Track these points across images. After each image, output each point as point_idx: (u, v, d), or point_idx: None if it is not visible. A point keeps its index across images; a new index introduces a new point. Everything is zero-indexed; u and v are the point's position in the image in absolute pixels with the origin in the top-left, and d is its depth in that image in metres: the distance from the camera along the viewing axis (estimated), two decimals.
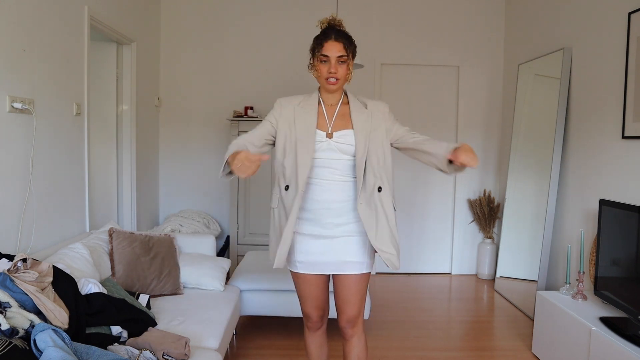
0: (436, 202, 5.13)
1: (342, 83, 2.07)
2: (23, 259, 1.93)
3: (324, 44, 2.02)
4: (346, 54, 2.03)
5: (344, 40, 2.04)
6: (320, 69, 2.04)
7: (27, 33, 2.56)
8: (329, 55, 2.01)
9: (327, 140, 2.04)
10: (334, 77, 2.02)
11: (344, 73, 2.04)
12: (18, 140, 2.51)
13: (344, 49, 2.02)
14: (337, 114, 2.10)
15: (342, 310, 2.14)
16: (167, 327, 2.39)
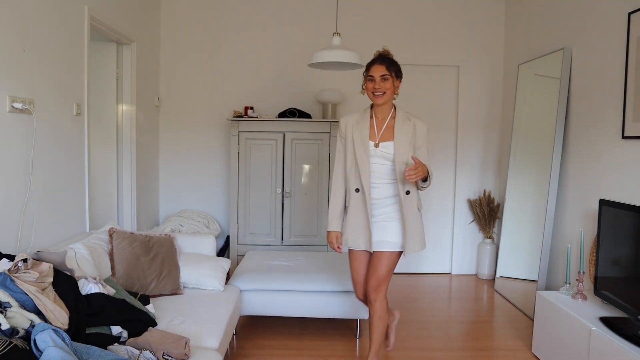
0: (436, 202, 5.13)
1: (389, 97, 2.58)
2: (24, 259, 1.93)
3: (370, 68, 2.61)
4: (388, 73, 2.56)
5: (386, 63, 2.58)
6: (367, 86, 2.61)
7: (27, 33, 2.56)
8: (374, 75, 2.57)
9: (374, 149, 2.59)
10: (379, 92, 2.55)
11: (387, 87, 2.56)
12: (18, 140, 2.51)
13: (386, 70, 2.56)
14: (385, 126, 2.61)
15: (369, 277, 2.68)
16: (167, 327, 2.39)
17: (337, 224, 2.73)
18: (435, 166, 5.11)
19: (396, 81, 2.60)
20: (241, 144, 4.62)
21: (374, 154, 2.58)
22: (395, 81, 2.59)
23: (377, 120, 2.64)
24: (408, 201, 2.61)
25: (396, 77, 2.60)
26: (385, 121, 2.62)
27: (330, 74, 4.95)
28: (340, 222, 2.73)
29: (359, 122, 2.64)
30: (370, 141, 2.59)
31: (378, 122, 2.63)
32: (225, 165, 5.00)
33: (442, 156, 5.11)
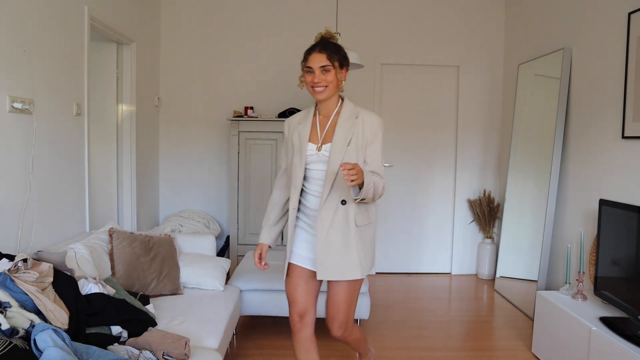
0: (436, 202, 5.13)
1: (332, 90, 2.11)
2: (24, 259, 1.93)
3: (308, 57, 2.11)
4: (330, 63, 2.08)
5: (328, 51, 2.09)
6: (306, 79, 2.12)
7: (27, 33, 2.56)
8: (312, 67, 2.08)
9: (316, 153, 2.12)
10: (319, 86, 2.08)
11: (329, 80, 2.08)
12: (18, 140, 2.51)
13: (327, 59, 2.08)
14: (329, 125, 2.15)
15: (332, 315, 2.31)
16: (167, 327, 2.39)
17: (267, 236, 2.26)
18: (436, 166, 5.11)
19: (340, 72, 2.13)
20: (241, 144, 4.62)
21: (317, 159, 2.12)
22: (339, 72, 2.12)
23: (320, 118, 2.19)
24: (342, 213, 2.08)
25: (340, 66, 2.13)
26: (329, 119, 2.17)
27: None
28: (273, 235, 2.27)
29: (300, 122, 2.21)
30: (312, 144, 2.14)
31: (322, 120, 2.18)
32: (225, 165, 5.00)
33: (442, 156, 5.11)
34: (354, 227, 2.09)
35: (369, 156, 2.10)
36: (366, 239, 2.15)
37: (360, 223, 2.11)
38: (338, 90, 2.15)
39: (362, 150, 2.09)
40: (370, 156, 2.10)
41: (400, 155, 5.09)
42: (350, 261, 2.09)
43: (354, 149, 2.08)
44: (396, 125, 5.08)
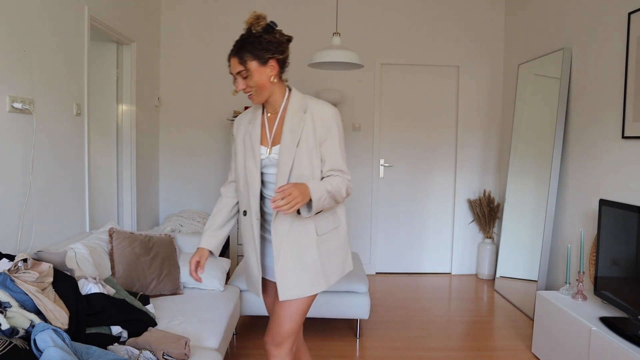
0: (436, 202, 5.13)
1: (263, 93, 1.84)
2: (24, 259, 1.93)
3: (229, 62, 1.84)
4: (243, 68, 1.78)
5: (239, 54, 1.79)
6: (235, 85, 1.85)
7: (27, 33, 2.56)
8: (232, 73, 1.83)
9: (267, 156, 1.87)
10: (245, 92, 1.83)
11: (253, 84, 1.80)
12: (18, 140, 2.51)
13: (239, 64, 1.79)
14: (277, 123, 1.89)
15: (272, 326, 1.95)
16: (167, 327, 2.39)
17: (209, 240, 1.97)
18: (436, 166, 5.11)
19: (264, 69, 1.80)
20: None
21: (269, 163, 1.87)
22: (261, 71, 1.80)
23: (269, 116, 1.92)
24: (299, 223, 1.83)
25: (263, 62, 1.79)
26: (277, 115, 1.90)
27: (330, 74, 4.95)
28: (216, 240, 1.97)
29: (250, 121, 1.93)
30: (263, 147, 1.88)
31: (270, 118, 1.91)
32: (225, 165, 5.00)
33: (442, 156, 5.11)
34: (315, 237, 1.84)
35: (326, 154, 1.84)
36: (332, 246, 1.89)
37: (322, 231, 1.86)
38: (275, 85, 1.86)
39: (315, 149, 1.82)
40: (327, 154, 1.84)
41: (400, 155, 5.09)
42: (312, 276, 1.84)
43: (305, 149, 1.81)
44: (396, 125, 5.08)
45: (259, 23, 1.81)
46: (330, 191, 1.77)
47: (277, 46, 1.84)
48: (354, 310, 3.25)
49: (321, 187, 1.74)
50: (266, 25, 1.82)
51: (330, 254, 1.89)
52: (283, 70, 1.91)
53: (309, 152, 1.82)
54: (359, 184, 5.06)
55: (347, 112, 5.00)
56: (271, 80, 1.84)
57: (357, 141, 5.03)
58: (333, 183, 1.79)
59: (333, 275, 1.91)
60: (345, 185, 1.84)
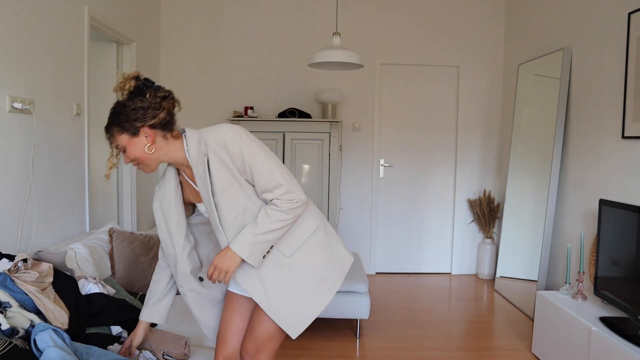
0: (436, 202, 5.13)
1: (149, 163, 1.67)
2: (23, 259, 1.93)
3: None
4: (117, 142, 1.64)
5: (108, 129, 1.65)
6: None
7: (27, 33, 2.56)
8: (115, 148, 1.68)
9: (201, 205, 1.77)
10: (134, 165, 1.69)
11: (136, 156, 1.64)
12: (18, 140, 2.51)
13: (114, 139, 1.65)
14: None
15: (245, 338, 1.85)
16: (167, 327, 2.39)
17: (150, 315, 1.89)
18: (436, 166, 5.11)
19: (136, 139, 1.63)
20: None
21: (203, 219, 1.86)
22: (135, 142, 1.63)
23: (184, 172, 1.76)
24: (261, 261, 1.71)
25: (133, 134, 1.61)
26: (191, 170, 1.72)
27: (330, 74, 4.95)
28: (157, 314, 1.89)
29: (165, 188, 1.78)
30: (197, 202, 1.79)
31: (186, 170, 1.75)
32: None
33: (442, 156, 5.11)
34: (286, 261, 1.70)
35: (251, 179, 1.64)
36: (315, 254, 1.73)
37: (290, 251, 1.71)
38: (163, 148, 1.66)
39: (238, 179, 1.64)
40: (252, 179, 1.64)
41: (400, 155, 5.09)
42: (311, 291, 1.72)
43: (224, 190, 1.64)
44: (396, 125, 5.08)
45: (124, 88, 1.63)
46: (259, 234, 1.61)
47: (146, 111, 1.61)
48: (354, 310, 3.25)
49: (245, 241, 1.61)
50: (134, 88, 1.63)
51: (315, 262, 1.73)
52: (168, 130, 1.66)
53: (231, 189, 1.64)
54: (359, 184, 5.06)
55: (347, 112, 5.01)
56: (146, 150, 1.63)
57: (357, 141, 5.03)
58: (259, 224, 1.62)
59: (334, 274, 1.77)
60: (278, 211, 1.62)
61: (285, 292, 1.70)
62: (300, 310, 1.71)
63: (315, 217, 1.79)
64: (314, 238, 1.75)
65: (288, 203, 1.62)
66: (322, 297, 1.73)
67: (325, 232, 1.79)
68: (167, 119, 1.65)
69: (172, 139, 1.68)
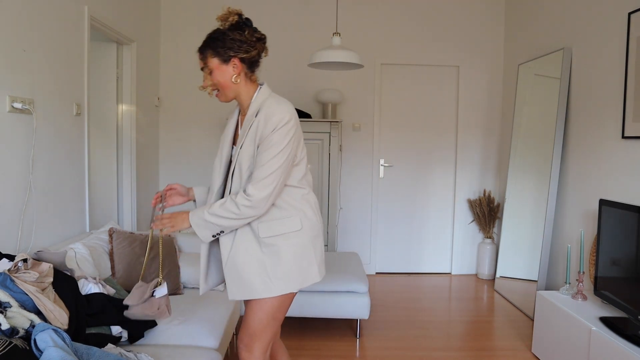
0: (436, 202, 5.13)
1: (228, 91, 1.81)
2: (24, 259, 1.93)
3: None
4: (204, 64, 1.80)
5: (202, 49, 1.82)
6: None
7: (27, 33, 2.56)
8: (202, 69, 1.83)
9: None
10: (212, 89, 1.83)
11: (216, 81, 1.79)
12: (18, 140, 2.51)
13: (200, 60, 1.82)
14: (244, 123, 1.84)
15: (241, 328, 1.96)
16: (167, 327, 2.39)
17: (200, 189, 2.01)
18: (436, 166, 5.11)
19: (226, 66, 1.78)
20: None
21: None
22: (223, 68, 1.77)
23: (241, 116, 1.91)
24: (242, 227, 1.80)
25: (225, 60, 1.77)
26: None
27: (330, 74, 4.95)
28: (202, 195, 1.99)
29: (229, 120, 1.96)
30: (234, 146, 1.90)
31: (242, 118, 1.90)
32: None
33: (442, 156, 5.11)
34: (254, 240, 1.78)
35: (256, 158, 1.74)
36: (281, 252, 1.77)
37: (265, 234, 1.77)
38: (240, 85, 1.81)
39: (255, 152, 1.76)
40: (257, 158, 1.73)
41: (400, 155, 5.09)
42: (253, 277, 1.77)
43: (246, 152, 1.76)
44: (396, 125, 5.08)
45: (227, 19, 1.77)
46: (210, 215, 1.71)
47: (241, 45, 1.76)
48: (354, 310, 3.25)
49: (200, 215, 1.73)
50: (236, 22, 1.76)
51: (278, 259, 1.77)
52: (252, 70, 1.83)
53: (249, 155, 1.76)
54: (359, 184, 5.06)
55: (347, 112, 5.01)
56: (232, 80, 1.78)
57: (357, 141, 5.03)
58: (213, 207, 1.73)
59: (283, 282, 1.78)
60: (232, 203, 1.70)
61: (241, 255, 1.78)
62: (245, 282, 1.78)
63: (307, 223, 1.83)
64: (292, 237, 1.79)
65: (246, 201, 1.70)
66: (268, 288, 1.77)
67: (309, 241, 1.83)
68: (255, 59, 1.81)
69: (250, 82, 1.83)
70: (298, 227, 1.80)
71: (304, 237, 1.81)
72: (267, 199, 1.71)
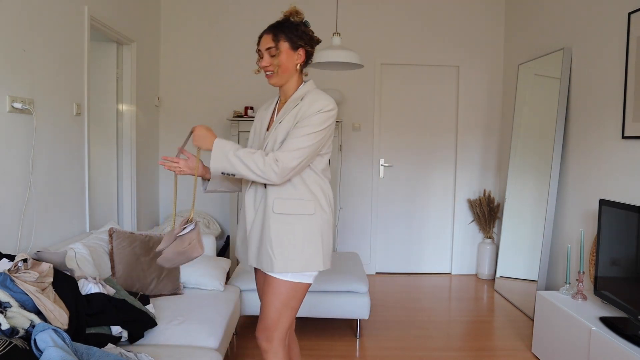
0: (436, 202, 5.13)
1: (283, 75, 1.90)
2: (24, 259, 1.93)
3: (259, 39, 1.93)
4: (274, 45, 1.86)
5: (274, 31, 1.88)
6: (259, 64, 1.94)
7: (27, 33, 2.56)
8: (261, 49, 1.91)
9: None
10: (268, 70, 1.90)
11: (277, 64, 1.87)
12: (18, 140, 2.51)
13: (272, 40, 1.87)
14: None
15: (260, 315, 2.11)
16: (167, 327, 2.39)
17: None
18: (436, 166, 5.11)
19: (293, 53, 1.89)
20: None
21: None
22: (290, 54, 1.89)
23: (280, 104, 2.01)
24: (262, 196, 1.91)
25: (294, 47, 1.89)
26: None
27: (330, 73, 4.95)
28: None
29: (267, 107, 2.06)
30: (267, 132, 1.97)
31: (280, 106, 2.00)
32: None
33: (442, 156, 5.11)
34: (272, 214, 1.85)
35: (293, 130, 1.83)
36: (295, 231, 1.85)
37: (280, 210, 1.85)
38: (295, 74, 1.93)
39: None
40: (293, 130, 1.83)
41: (400, 155, 5.09)
42: (265, 251, 1.86)
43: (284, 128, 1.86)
44: (396, 125, 5.08)
45: (297, 15, 1.93)
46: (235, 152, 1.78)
47: (309, 40, 1.93)
48: (354, 310, 3.25)
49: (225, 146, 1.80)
50: (305, 21, 1.97)
51: (291, 239, 1.85)
52: (306, 64, 1.96)
53: (286, 131, 1.86)
54: (359, 184, 5.06)
55: (347, 112, 5.01)
56: (296, 67, 1.91)
57: (357, 141, 5.03)
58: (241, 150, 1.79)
59: (293, 263, 1.85)
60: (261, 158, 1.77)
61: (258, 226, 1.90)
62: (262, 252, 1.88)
63: (320, 212, 1.90)
64: (304, 220, 1.88)
65: (275, 165, 1.77)
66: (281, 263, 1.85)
67: (318, 229, 1.89)
68: (311, 56, 1.97)
69: (300, 75, 1.96)
70: (311, 212, 1.87)
71: (314, 223, 1.88)
72: (292, 170, 1.80)
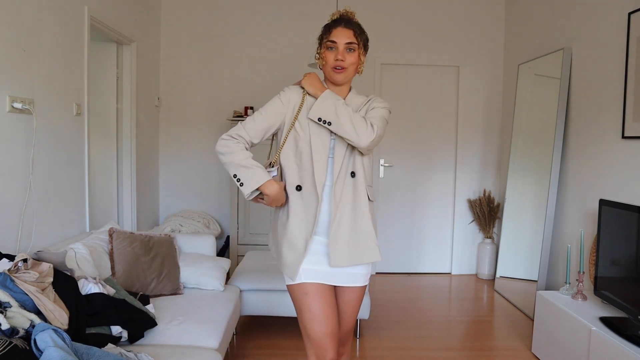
0: (436, 202, 5.13)
1: (350, 74, 1.89)
2: (24, 259, 1.93)
3: (332, 31, 1.85)
4: (356, 42, 1.85)
5: (355, 29, 1.86)
6: (327, 56, 1.86)
7: (27, 33, 2.56)
8: (337, 42, 1.83)
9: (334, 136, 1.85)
10: (341, 65, 1.84)
11: (352, 62, 1.85)
12: (18, 140, 2.51)
13: (354, 36, 1.85)
14: None
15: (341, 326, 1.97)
16: (167, 327, 2.39)
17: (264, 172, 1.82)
18: (436, 166, 5.11)
19: (363, 55, 1.90)
20: None
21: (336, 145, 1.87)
22: (362, 54, 1.90)
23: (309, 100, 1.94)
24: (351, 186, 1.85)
25: (364, 50, 1.91)
26: None
27: None
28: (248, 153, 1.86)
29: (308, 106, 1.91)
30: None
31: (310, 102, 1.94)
32: None
33: (442, 156, 5.11)
34: (367, 202, 1.84)
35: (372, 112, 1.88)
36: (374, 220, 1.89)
37: (371, 197, 1.89)
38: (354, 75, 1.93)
39: None
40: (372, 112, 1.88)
41: (401, 155, 5.09)
42: (365, 243, 1.83)
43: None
44: (396, 125, 5.07)
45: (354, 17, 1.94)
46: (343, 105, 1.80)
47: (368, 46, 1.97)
48: None
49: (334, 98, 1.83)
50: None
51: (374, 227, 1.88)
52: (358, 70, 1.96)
53: None
54: None
55: None
56: (359, 69, 1.93)
57: None
58: (348, 111, 1.80)
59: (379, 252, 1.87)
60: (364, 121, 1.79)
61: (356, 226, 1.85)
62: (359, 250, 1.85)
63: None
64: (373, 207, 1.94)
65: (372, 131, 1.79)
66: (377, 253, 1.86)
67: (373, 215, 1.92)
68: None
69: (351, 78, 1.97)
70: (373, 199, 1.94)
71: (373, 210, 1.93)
72: (380, 139, 1.84)
